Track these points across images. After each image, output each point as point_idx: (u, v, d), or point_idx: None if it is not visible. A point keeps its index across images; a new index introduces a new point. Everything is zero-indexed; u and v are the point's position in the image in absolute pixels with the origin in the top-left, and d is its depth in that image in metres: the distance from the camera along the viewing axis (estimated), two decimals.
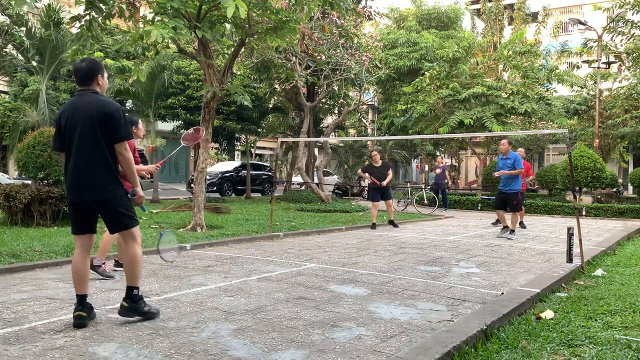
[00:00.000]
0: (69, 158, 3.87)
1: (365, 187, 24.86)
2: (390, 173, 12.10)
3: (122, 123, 3.85)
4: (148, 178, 6.95)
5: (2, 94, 22.53)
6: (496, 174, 10.26)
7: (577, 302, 4.84)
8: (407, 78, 24.17)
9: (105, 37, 19.42)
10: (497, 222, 12.47)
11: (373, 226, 11.56)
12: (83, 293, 3.89)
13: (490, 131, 17.70)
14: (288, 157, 28.04)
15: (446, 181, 18.49)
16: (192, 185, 12.18)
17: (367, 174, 12.01)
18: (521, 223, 12.38)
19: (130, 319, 3.96)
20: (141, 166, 5.48)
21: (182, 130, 21.47)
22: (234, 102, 17.61)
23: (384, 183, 11.79)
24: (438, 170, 18.47)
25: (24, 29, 16.09)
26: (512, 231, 10.17)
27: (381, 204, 12.18)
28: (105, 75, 4.04)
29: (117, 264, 5.94)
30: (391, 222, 12.03)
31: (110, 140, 3.83)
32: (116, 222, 3.95)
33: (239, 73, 18.86)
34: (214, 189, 21.64)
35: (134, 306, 3.95)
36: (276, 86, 21.17)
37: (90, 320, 3.91)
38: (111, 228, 4.00)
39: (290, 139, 20.56)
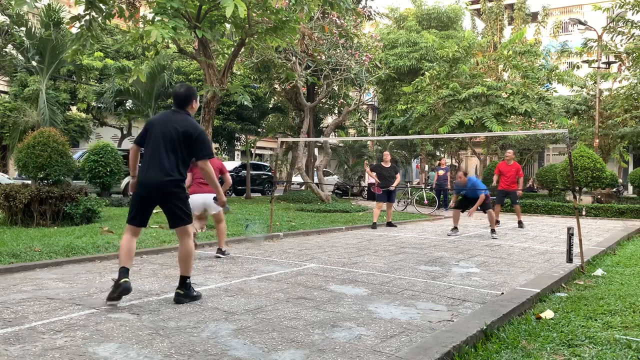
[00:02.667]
0: (149, 156, 4.50)
1: (365, 187, 24.88)
2: (398, 176, 12.07)
3: (207, 144, 4.58)
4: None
5: (2, 94, 22.54)
6: (470, 212, 10.50)
7: (577, 302, 4.84)
8: (407, 78, 24.17)
9: (105, 37, 19.45)
10: (497, 222, 12.46)
11: (374, 226, 11.55)
12: (129, 266, 4.46)
13: (490, 131, 17.70)
14: (288, 157, 28.05)
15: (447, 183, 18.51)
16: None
17: (374, 174, 11.97)
18: (520, 223, 12.40)
19: (181, 304, 4.45)
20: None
21: None
22: (234, 102, 17.63)
23: (393, 187, 11.81)
24: (441, 172, 18.49)
25: (24, 29, 16.10)
26: (493, 230, 10.28)
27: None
28: (198, 98, 4.73)
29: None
30: (389, 224, 12.04)
31: (195, 155, 4.54)
32: (175, 216, 4.51)
33: (239, 73, 18.87)
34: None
35: (187, 292, 4.55)
36: (276, 86, 21.16)
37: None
38: (171, 222, 4.57)
39: (290, 139, 20.56)
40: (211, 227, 9.75)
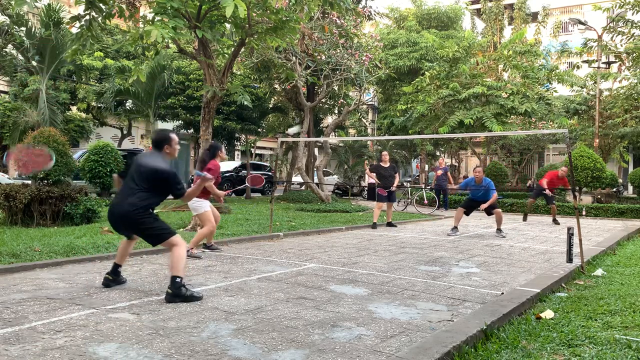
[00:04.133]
0: (121, 187, 4.99)
1: (365, 187, 24.87)
2: (397, 176, 12.13)
3: (176, 183, 4.81)
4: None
5: (2, 94, 22.54)
6: (483, 206, 10.49)
7: (577, 302, 4.84)
8: (407, 78, 24.16)
9: (105, 37, 19.44)
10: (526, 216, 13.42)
11: (374, 226, 11.55)
12: (118, 262, 5.18)
13: (490, 131, 17.69)
14: (288, 157, 28.04)
15: (448, 184, 18.49)
16: (192, 185, 12.13)
17: (374, 175, 11.96)
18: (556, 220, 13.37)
19: (173, 303, 4.53)
20: (217, 191, 7.02)
21: (182, 130, 21.50)
22: (234, 102, 17.63)
23: (394, 187, 11.82)
24: (440, 172, 18.48)
25: (24, 29, 16.10)
26: (499, 229, 10.45)
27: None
28: (174, 143, 5.01)
29: (205, 246, 7.42)
30: (389, 224, 12.04)
31: (172, 195, 4.87)
32: (148, 237, 4.86)
33: (239, 73, 18.87)
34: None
35: (176, 292, 4.62)
36: (276, 86, 21.15)
37: (116, 285, 5.10)
38: (149, 242, 4.92)
39: (290, 139, 20.54)
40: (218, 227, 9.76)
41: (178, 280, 4.64)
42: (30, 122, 15.98)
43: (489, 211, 10.56)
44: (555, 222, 13.45)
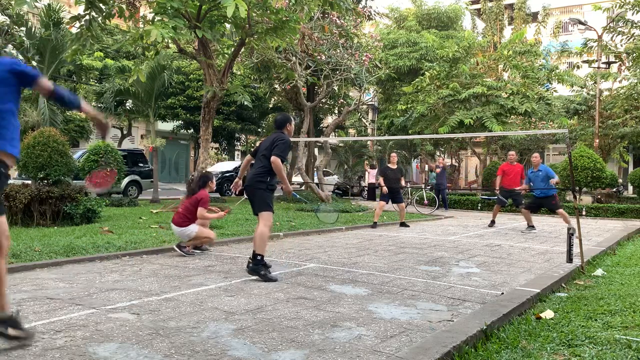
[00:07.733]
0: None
1: (365, 187, 24.88)
2: (402, 179, 12.25)
3: (282, 148, 5.74)
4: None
5: None
6: (524, 186, 10.69)
7: (577, 302, 4.84)
8: (407, 78, 24.16)
9: (105, 37, 19.43)
10: (493, 222, 12.57)
11: (374, 225, 11.56)
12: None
13: (490, 131, 17.70)
14: (288, 157, 28.04)
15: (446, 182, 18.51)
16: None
17: (382, 179, 11.96)
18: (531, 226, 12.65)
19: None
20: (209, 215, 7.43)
21: (182, 130, 21.50)
22: (234, 102, 17.66)
23: (403, 183, 11.94)
24: (438, 170, 18.50)
25: (24, 29, 16.09)
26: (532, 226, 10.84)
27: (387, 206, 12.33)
28: (292, 123, 6.16)
29: (195, 247, 7.28)
30: (403, 224, 12.05)
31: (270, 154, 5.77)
32: (254, 205, 5.76)
33: (239, 73, 18.88)
34: (214, 188, 21.60)
35: (254, 268, 5.42)
36: (276, 86, 21.15)
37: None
38: (254, 208, 5.81)
39: (290, 139, 20.53)
40: (210, 226, 9.77)
41: (259, 257, 5.43)
42: (30, 122, 15.96)
43: (553, 210, 10.84)
44: (493, 223, 12.59)
